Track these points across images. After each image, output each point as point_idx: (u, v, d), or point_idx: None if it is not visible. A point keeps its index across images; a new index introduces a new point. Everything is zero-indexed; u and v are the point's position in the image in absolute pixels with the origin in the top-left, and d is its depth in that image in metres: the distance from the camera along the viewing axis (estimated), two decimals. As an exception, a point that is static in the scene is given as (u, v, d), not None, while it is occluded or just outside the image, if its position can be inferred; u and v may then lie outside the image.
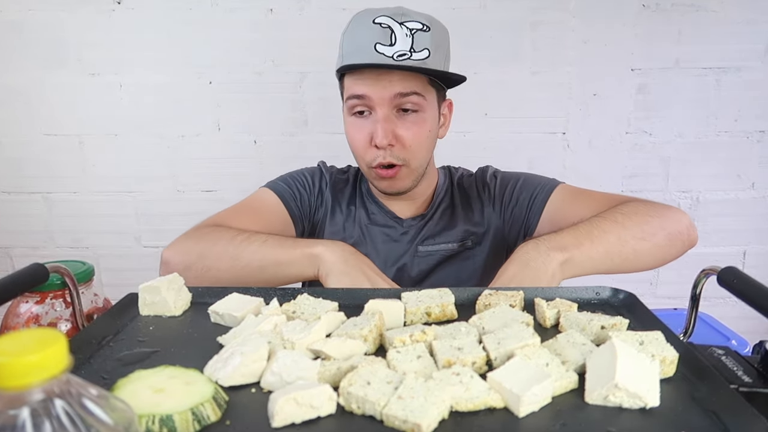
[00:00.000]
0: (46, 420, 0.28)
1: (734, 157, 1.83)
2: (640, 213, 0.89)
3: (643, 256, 0.88)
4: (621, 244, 0.85)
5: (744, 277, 0.63)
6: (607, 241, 0.84)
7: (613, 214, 0.89)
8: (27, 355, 0.28)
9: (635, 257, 0.87)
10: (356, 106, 0.97)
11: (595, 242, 0.84)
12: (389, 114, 0.95)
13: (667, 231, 0.89)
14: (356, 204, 1.12)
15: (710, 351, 0.62)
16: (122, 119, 1.78)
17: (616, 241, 0.85)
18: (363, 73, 0.94)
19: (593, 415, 0.47)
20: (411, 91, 0.94)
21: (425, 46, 0.92)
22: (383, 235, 1.09)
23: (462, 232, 1.08)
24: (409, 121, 0.96)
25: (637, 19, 1.73)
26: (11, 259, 1.88)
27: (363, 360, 0.53)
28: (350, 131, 1.00)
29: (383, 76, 0.92)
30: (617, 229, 0.86)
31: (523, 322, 0.61)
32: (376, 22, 0.91)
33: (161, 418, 0.42)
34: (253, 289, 0.75)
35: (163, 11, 1.70)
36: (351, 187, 1.14)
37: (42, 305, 0.78)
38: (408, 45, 0.91)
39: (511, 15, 1.71)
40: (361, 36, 0.92)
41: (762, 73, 1.76)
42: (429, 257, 1.07)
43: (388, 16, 0.91)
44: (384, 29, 0.91)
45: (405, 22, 0.91)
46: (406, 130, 0.96)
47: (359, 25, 0.94)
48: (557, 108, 1.79)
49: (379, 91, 0.93)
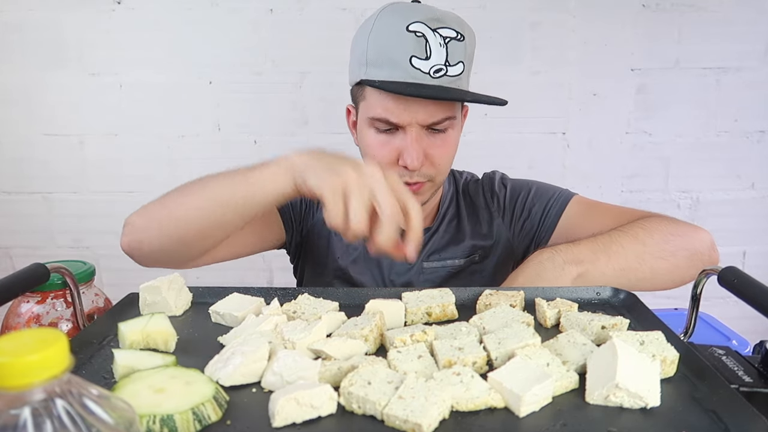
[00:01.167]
0: (47, 420, 0.28)
1: (734, 157, 1.83)
2: (662, 231, 0.85)
3: (661, 275, 0.84)
4: (639, 262, 0.81)
5: (744, 277, 0.63)
6: (624, 258, 0.80)
7: (634, 229, 0.84)
8: (28, 355, 0.28)
9: (652, 276, 0.83)
10: (383, 124, 0.89)
11: (612, 258, 0.80)
12: (421, 134, 0.88)
13: (689, 252, 0.85)
14: None
15: (711, 351, 0.62)
16: (122, 119, 1.78)
17: (634, 258, 0.81)
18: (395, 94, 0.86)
19: (594, 414, 0.47)
20: (444, 117, 0.88)
21: (460, 59, 0.86)
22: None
23: (469, 247, 1.03)
24: (439, 140, 0.91)
25: (637, 19, 1.73)
26: (11, 259, 1.88)
27: (364, 360, 0.53)
28: (372, 145, 0.92)
29: (418, 100, 0.85)
30: (637, 246, 0.82)
31: (524, 322, 0.61)
32: (411, 29, 0.83)
33: (162, 418, 0.42)
34: (253, 289, 0.75)
35: (163, 11, 1.70)
36: None
37: (43, 305, 0.78)
38: (443, 57, 0.84)
39: (511, 15, 1.71)
40: (393, 46, 0.84)
41: (762, 73, 1.76)
42: (434, 274, 1.02)
43: (422, 23, 0.83)
44: (418, 38, 0.83)
45: (438, 29, 0.84)
46: (436, 149, 0.90)
47: (390, 30, 0.85)
48: (557, 108, 1.79)
49: (411, 116, 0.86)
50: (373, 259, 1.03)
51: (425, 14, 0.85)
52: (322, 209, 0.67)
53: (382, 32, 0.86)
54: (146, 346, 0.60)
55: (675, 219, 0.90)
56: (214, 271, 1.14)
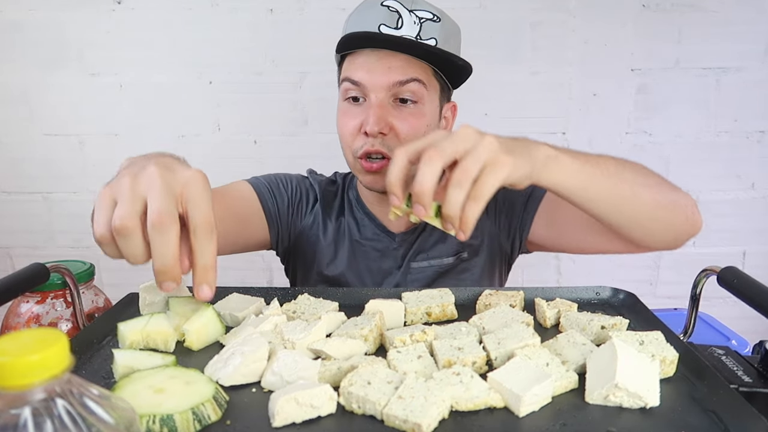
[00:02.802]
0: (48, 419, 0.28)
1: (734, 157, 1.83)
2: (651, 173, 0.80)
3: (643, 203, 0.75)
4: (619, 176, 0.72)
5: (744, 277, 0.63)
6: (605, 168, 0.71)
7: (620, 159, 0.76)
8: (28, 355, 0.28)
9: (633, 198, 0.74)
10: (350, 90, 0.89)
11: (591, 163, 0.70)
12: (385, 101, 0.87)
13: (672, 198, 0.79)
14: (345, 214, 1.05)
15: (710, 351, 0.62)
16: (122, 119, 1.78)
17: (614, 172, 0.72)
18: (362, 55, 0.87)
19: (593, 414, 0.47)
20: (411, 77, 0.86)
21: (433, 35, 0.87)
22: (374, 251, 1.01)
23: (456, 245, 1.01)
24: (406, 112, 0.88)
25: (637, 19, 1.73)
26: (11, 259, 1.88)
27: (363, 360, 0.53)
28: (341, 117, 0.92)
29: (384, 60, 0.86)
30: (619, 167, 0.73)
31: (524, 322, 0.61)
32: (384, 4, 0.87)
33: (162, 418, 0.42)
34: (253, 289, 0.75)
35: (163, 11, 1.70)
36: (339, 197, 1.07)
37: (43, 305, 0.78)
38: (415, 32, 0.86)
39: (511, 15, 1.71)
40: (366, 17, 0.87)
41: (762, 73, 1.76)
42: (422, 273, 1.00)
43: (398, 1, 0.86)
44: (392, 12, 0.86)
45: (415, 10, 0.87)
46: (402, 121, 0.88)
47: (366, 7, 0.89)
48: (557, 108, 1.79)
49: (377, 76, 0.86)
50: (362, 263, 1.01)
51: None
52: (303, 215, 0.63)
53: (359, 10, 0.90)
54: (146, 346, 0.60)
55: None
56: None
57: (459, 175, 0.56)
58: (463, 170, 0.56)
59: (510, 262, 1.08)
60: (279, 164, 1.28)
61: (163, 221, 0.47)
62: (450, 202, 0.56)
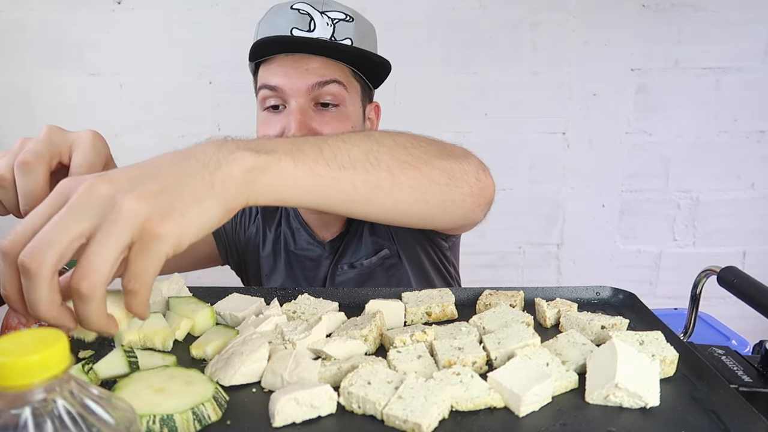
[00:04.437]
0: (48, 419, 0.28)
1: (734, 157, 1.83)
2: (417, 138, 0.62)
3: (405, 184, 0.58)
4: (370, 161, 0.55)
5: (744, 277, 0.63)
6: (349, 160, 0.53)
7: (375, 133, 0.60)
8: (28, 355, 0.28)
9: (391, 183, 0.56)
10: (268, 98, 0.85)
11: (326, 154, 0.52)
12: (305, 106, 0.84)
13: (445, 169, 0.62)
14: (282, 224, 1.03)
15: (710, 351, 0.62)
16: (122, 119, 1.78)
17: (360, 155, 0.54)
18: (276, 60, 0.84)
19: (593, 414, 0.47)
20: (331, 78, 0.83)
21: (348, 36, 0.85)
22: (308, 261, 1.00)
23: (372, 243, 0.97)
24: (329, 116, 0.85)
25: (637, 19, 1.73)
26: (11, 259, 1.88)
27: (363, 360, 0.53)
28: (261, 128, 0.88)
29: (300, 63, 0.83)
30: (371, 150, 0.55)
31: (524, 322, 0.61)
32: (294, 8, 0.84)
33: (162, 418, 0.42)
34: (253, 289, 0.75)
35: (163, 11, 1.70)
36: (279, 207, 1.04)
37: (42, 305, 0.78)
38: (328, 33, 0.83)
39: (511, 15, 1.71)
40: (277, 22, 0.85)
41: (762, 73, 1.76)
42: (351, 276, 0.97)
43: (307, 3, 0.84)
44: (302, 15, 0.83)
45: (326, 12, 0.85)
46: (324, 125, 0.84)
47: (275, 12, 0.87)
48: (557, 108, 1.79)
49: (294, 80, 0.83)
50: (299, 273, 1.01)
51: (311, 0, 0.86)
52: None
53: (268, 16, 0.88)
54: (144, 346, 0.60)
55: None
56: (215, 271, 1.14)
57: (83, 284, 0.38)
58: (87, 275, 0.38)
59: (445, 251, 1.02)
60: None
61: (28, 160, 0.49)
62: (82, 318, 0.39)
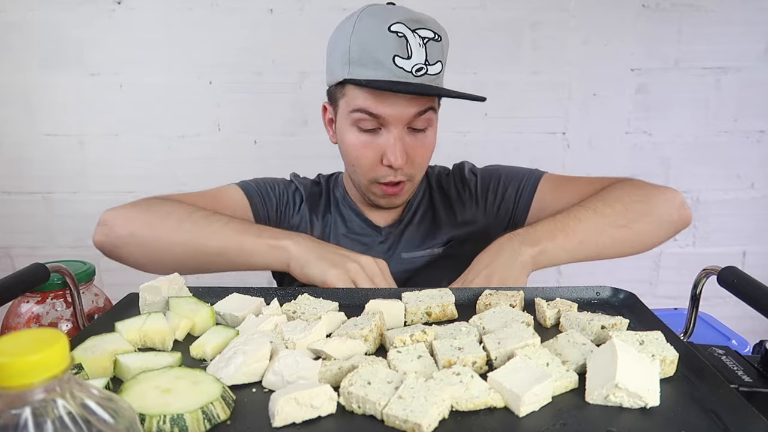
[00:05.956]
0: (48, 419, 0.28)
1: (734, 157, 1.83)
2: (624, 199, 0.89)
3: (623, 243, 0.88)
4: (597, 233, 0.85)
5: (744, 277, 0.63)
6: (582, 231, 0.84)
7: (593, 203, 0.88)
8: (28, 355, 0.28)
9: (613, 244, 0.87)
10: (365, 122, 0.91)
11: (570, 234, 0.83)
12: (403, 133, 0.92)
13: (654, 216, 0.88)
14: (331, 212, 1.09)
15: (710, 351, 0.62)
16: (122, 119, 1.77)
17: (593, 231, 0.85)
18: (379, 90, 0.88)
19: (593, 414, 0.47)
20: (428, 107, 0.91)
21: (438, 58, 0.89)
22: (361, 246, 1.05)
23: (446, 237, 1.06)
24: (419, 139, 0.94)
25: (637, 19, 1.73)
26: (11, 259, 1.88)
27: (363, 360, 0.53)
28: (355, 145, 0.94)
29: (401, 97, 0.88)
30: (596, 219, 0.85)
31: (524, 322, 0.61)
32: (393, 30, 0.85)
33: (172, 418, 0.43)
34: (253, 289, 0.75)
35: (163, 11, 1.70)
36: (325, 196, 1.11)
37: (43, 305, 0.78)
38: (423, 57, 0.87)
39: (511, 15, 1.71)
40: (376, 46, 0.86)
41: (762, 73, 1.76)
42: (413, 264, 1.04)
43: (403, 23, 0.86)
44: (400, 38, 0.86)
45: (417, 30, 0.87)
46: (416, 149, 0.94)
47: (372, 30, 0.87)
48: (557, 108, 1.79)
49: (399, 110, 0.89)
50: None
51: (404, 15, 0.87)
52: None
53: (363, 33, 0.87)
54: (144, 346, 0.60)
55: (642, 182, 0.94)
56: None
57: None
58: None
59: None
60: (279, 164, 1.28)
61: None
62: None
